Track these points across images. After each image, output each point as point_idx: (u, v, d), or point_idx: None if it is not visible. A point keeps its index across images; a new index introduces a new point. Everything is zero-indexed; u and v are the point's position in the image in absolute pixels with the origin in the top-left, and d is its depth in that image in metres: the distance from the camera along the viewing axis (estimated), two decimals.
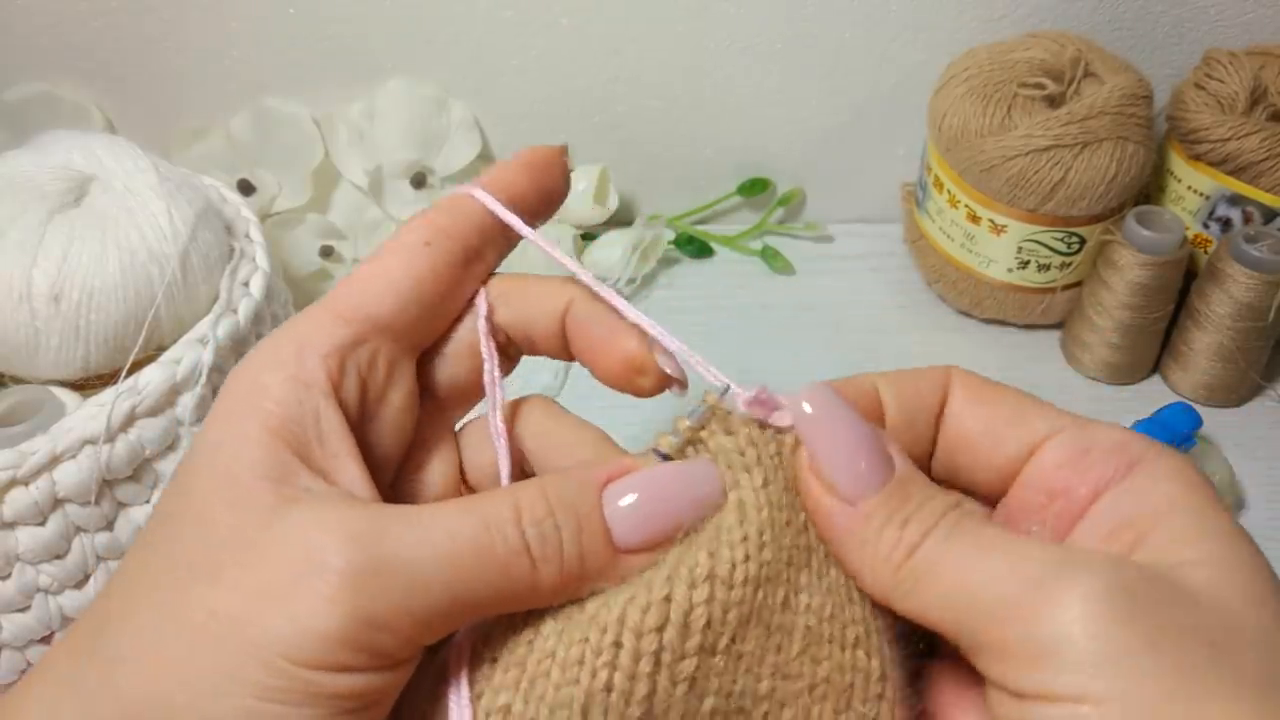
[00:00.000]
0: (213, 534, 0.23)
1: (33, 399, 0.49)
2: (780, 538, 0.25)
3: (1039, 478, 0.27)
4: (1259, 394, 0.68)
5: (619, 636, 0.24)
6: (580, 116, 0.77)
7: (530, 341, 0.30)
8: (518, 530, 0.24)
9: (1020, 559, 0.23)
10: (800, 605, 0.25)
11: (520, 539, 0.24)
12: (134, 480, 0.48)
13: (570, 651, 0.24)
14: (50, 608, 0.47)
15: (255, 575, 0.22)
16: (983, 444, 0.28)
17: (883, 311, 0.75)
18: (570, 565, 0.24)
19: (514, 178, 0.30)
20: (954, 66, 0.69)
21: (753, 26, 0.73)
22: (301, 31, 0.72)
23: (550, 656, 0.24)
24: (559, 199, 0.32)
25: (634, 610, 0.24)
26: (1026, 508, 0.27)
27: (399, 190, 0.73)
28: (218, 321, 0.50)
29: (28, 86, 0.72)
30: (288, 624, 0.22)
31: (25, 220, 0.49)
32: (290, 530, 0.23)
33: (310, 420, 0.25)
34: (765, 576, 0.25)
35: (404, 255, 0.28)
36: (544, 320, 0.30)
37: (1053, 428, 0.27)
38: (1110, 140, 0.63)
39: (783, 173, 0.80)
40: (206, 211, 0.54)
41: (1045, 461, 0.27)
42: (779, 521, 0.25)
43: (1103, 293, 0.67)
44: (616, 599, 0.24)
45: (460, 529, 0.24)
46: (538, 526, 0.24)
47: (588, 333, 0.29)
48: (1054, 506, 0.26)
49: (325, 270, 0.73)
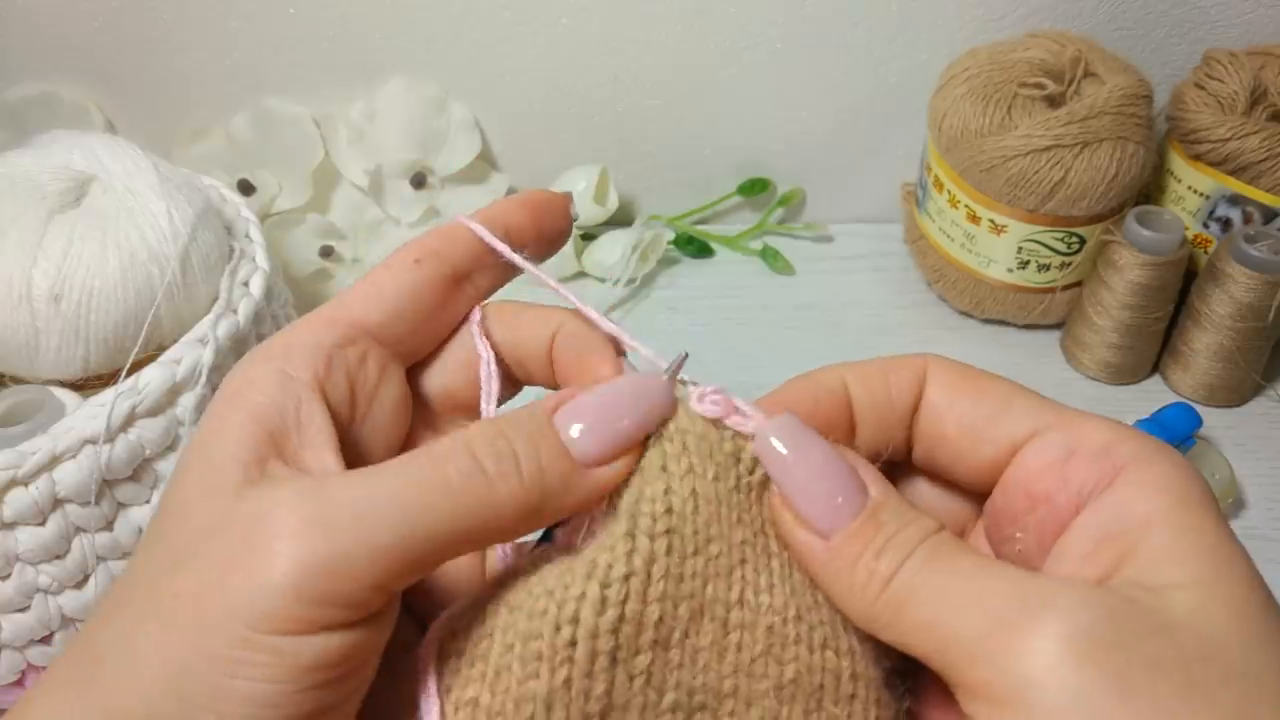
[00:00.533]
0: (189, 523, 0.24)
1: (33, 399, 0.49)
2: (730, 534, 0.26)
3: (1021, 481, 0.26)
4: (1259, 394, 0.68)
5: (573, 636, 0.24)
6: (580, 116, 0.77)
7: (524, 369, 0.31)
8: (468, 453, 0.24)
9: (989, 595, 0.23)
10: (762, 605, 0.26)
11: (472, 460, 0.24)
12: (134, 480, 0.48)
13: (529, 647, 0.24)
14: (50, 608, 0.47)
15: (211, 553, 0.23)
16: (961, 444, 0.27)
17: (883, 311, 0.75)
18: (530, 477, 0.24)
19: (510, 211, 0.31)
20: (954, 66, 0.69)
21: (752, 27, 0.73)
22: (301, 31, 0.72)
23: (510, 650, 0.24)
24: (559, 239, 0.33)
25: (587, 609, 0.24)
26: (1010, 512, 0.27)
27: (399, 190, 0.73)
28: (218, 321, 0.50)
29: (28, 86, 0.73)
30: (244, 590, 0.22)
31: (25, 220, 0.49)
32: (244, 505, 0.23)
33: (290, 408, 0.25)
34: (714, 571, 0.25)
35: (393, 271, 0.29)
36: (533, 346, 0.30)
37: (1035, 427, 0.26)
38: (1110, 140, 0.63)
39: (783, 173, 0.80)
40: (206, 211, 0.54)
41: (1027, 465, 0.26)
42: (728, 519, 0.26)
43: (1103, 293, 0.67)
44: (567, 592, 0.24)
45: (406, 465, 0.24)
46: (490, 445, 0.24)
47: (568, 360, 0.30)
48: (1037, 513, 0.26)
49: (325, 270, 0.73)
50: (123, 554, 0.48)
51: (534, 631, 0.24)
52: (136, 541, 0.48)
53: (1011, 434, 0.26)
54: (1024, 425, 0.26)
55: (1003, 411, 0.27)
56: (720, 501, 0.26)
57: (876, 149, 0.79)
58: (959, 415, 0.27)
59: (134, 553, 0.25)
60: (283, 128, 0.73)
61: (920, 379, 0.28)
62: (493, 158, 0.79)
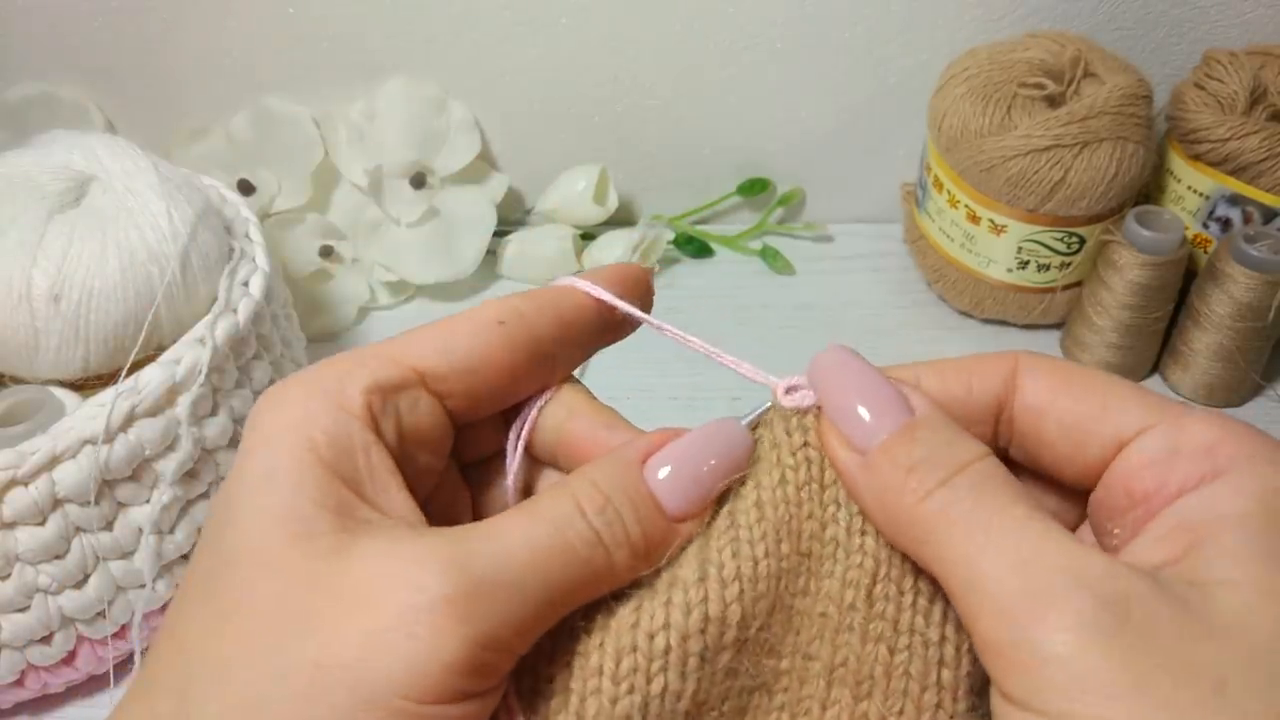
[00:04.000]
0: (284, 575, 0.22)
1: (33, 399, 0.49)
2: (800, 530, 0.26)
3: (1122, 478, 0.25)
4: (1259, 394, 0.68)
5: (668, 641, 0.25)
6: (580, 116, 0.77)
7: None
8: (586, 523, 0.24)
9: (1033, 556, 0.22)
10: (821, 590, 0.26)
11: (591, 530, 0.24)
12: (133, 480, 0.48)
13: (622, 664, 0.24)
14: (50, 608, 0.47)
15: (356, 619, 0.22)
16: (1064, 444, 0.26)
17: (883, 311, 0.75)
18: (637, 543, 0.25)
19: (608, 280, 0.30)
20: (954, 66, 0.69)
21: (752, 27, 0.73)
22: (301, 31, 0.72)
23: (599, 673, 0.25)
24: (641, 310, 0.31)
25: (676, 614, 0.25)
26: (1110, 508, 0.26)
27: (399, 190, 0.73)
28: (217, 321, 0.50)
29: (28, 86, 0.73)
30: (405, 663, 0.21)
31: (25, 220, 0.49)
32: (372, 564, 0.22)
33: (357, 448, 0.24)
34: (784, 569, 0.26)
35: (472, 325, 0.27)
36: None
37: (1141, 423, 0.25)
38: (1110, 140, 0.63)
39: (783, 173, 0.80)
40: (206, 211, 0.54)
41: (1130, 462, 0.25)
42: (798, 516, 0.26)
43: (1103, 293, 0.67)
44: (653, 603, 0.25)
45: (536, 535, 0.24)
46: (601, 515, 0.25)
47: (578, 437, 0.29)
48: (1135, 511, 0.25)
49: (325, 270, 0.73)
50: (122, 554, 0.48)
51: (626, 646, 0.25)
52: (136, 541, 0.48)
53: (1118, 432, 0.25)
54: (1130, 422, 0.25)
55: (1106, 409, 0.26)
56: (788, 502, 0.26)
57: (876, 149, 0.79)
58: (1060, 415, 0.26)
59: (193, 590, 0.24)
60: (282, 127, 0.73)
61: (1008, 378, 0.27)
62: (493, 158, 0.79)
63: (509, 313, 0.27)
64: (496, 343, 0.27)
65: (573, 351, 0.29)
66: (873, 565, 0.26)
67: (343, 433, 0.24)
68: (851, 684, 0.26)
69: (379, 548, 0.23)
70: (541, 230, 0.76)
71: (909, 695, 0.26)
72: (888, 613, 0.26)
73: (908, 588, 0.26)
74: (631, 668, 0.24)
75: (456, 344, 0.27)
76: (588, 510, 0.25)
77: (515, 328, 0.27)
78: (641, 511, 0.25)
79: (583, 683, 0.25)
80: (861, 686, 0.26)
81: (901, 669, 0.26)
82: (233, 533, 0.23)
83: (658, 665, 0.24)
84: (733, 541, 0.26)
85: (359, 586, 0.22)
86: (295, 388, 0.25)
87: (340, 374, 0.25)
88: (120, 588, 0.49)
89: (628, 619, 0.25)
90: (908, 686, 0.26)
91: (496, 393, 0.28)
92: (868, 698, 0.26)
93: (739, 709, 0.26)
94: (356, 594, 0.22)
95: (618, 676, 0.24)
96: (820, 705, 0.26)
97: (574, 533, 0.24)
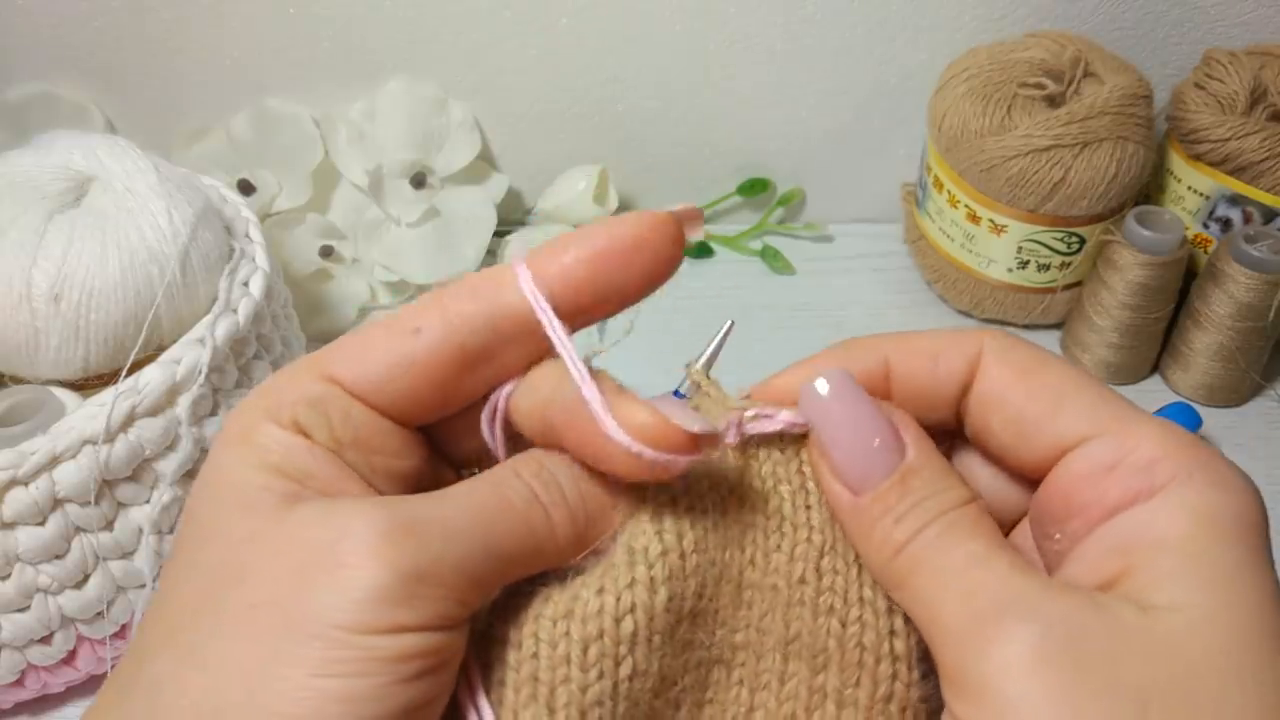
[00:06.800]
0: (230, 540, 0.23)
1: (33, 399, 0.49)
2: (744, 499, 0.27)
3: (1062, 485, 0.25)
4: (1259, 394, 0.68)
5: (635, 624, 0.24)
6: (580, 116, 0.77)
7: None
8: (522, 481, 0.25)
9: (977, 586, 0.23)
10: (770, 565, 0.26)
11: (526, 487, 0.24)
12: (134, 480, 0.48)
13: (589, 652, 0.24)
14: (50, 608, 0.47)
15: (284, 561, 0.22)
16: (1008, 440, 0.26)
17: (883, 311, 0.75)
18: (575, 507, 0.25)
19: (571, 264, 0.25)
20: (954, 66, 0.69)
21: (752, 26, 0.73)
22: (301, 31, 0.72)
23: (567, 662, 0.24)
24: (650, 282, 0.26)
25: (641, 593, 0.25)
26: (1050, 514, 0.26)
27: (399, 190, 0.73)
28: (217, 321, 0.50)
29: (28, 86, 0.72)
30: (333, 593, 0.21)
31: (25, 220, 0.49)
32: (307, 516, 0.23)
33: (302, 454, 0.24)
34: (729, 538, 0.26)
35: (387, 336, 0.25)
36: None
37: (1086, 431, 0.25)
38: (1110, 140, 0.63)
39: (783, 173, 0.80)
40: (206, 211, 0.54)
41: (1070, 471, 0.25)
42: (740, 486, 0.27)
43: (1103, 293, 0.67)
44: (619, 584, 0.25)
45: (475, 488, 0.24)
46: (537, 476, 0.25)
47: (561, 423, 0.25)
48: (1074, 522, 0.25)
49: (325, 270, 0.73)
50: (123, 554, 0.48)
51: (592, 634, 0.24)
52: (137, 541, 0.48)
53: (1060, 438, 0.25)
54: (1074, 429, 0.25)
55: (1054, 412, 0.25)
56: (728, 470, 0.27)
57: (876, 149, 0.79)
58: (1007, 411, 0.26)
59: (163, 579, 0.25)
60: (283, 128, 0.73)
61: (973, 362, 0.27)
62: (493, 158, 0.79)
63: (428, 318, 0.25)
64: (414, 352, 0.24)
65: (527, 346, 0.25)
66: (820, 540, 0.26)
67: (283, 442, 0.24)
68: (807, 657, 0.26)
69: (317, 506, 0.23)
70: (542, 230, 0.77)
71: (864, 667, 0.26)
72: (837, 585, 0.26)
73: (854, 559, 0.26)
74: (599, 655, 0.24)
75: (370, 356, 0.25)
76: (523, 472, 0.25)
77: (434, 335, 0.24)
78: (579, 478, 0.25)
79: (549, 671, 0.24)
80: (817, 660, 0.26)
81: (854, 640, 0.26)
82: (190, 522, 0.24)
83: (625, 649, 0.24)
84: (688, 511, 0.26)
85: (293, 536, 0.22)
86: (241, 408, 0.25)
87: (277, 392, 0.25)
88: (120, 588, 0.49)
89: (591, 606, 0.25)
90: (862, 658, 0.26)
91: (430, 400, 0.25)
92: (823, 670, 0.26)
93: (699, 683, 0.26)
94: (290, 543, 0.22)
95: (586, 664, 0.24)
96: (778, 679, 0.26)
97: (509, 488, 0.24)
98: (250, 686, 0.21)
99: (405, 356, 0.25)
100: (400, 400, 0.25)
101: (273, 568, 0.22)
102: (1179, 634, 0.21)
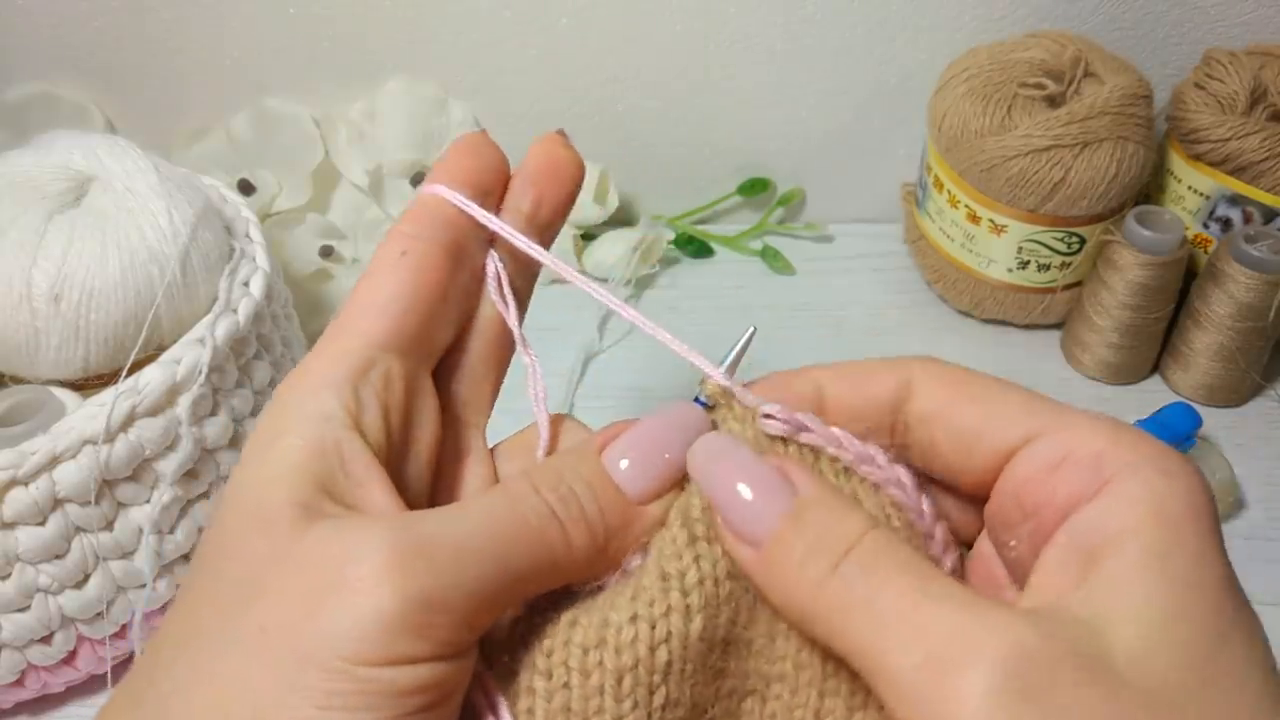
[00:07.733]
0: (248, 558, 0.23)
1: (33, 399, 0.49)
2: None
3: (1012, 491, 0.25)
4: (1259, 394, 0.68)
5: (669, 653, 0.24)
6: (580, 116, 0.77)
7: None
8: (540, 498, 0.25)
9: (923, 628, 0.22)
10: None
11: (545, 505, 0.24)
12: (134, 480, 0.48)
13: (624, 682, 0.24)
14: (50, 608, 0.47)
15: (296, 583, 0.22)
16: (953, 454, 0.26)
17: (883, 311, 0.75)
18: (594, 522, 0.25)
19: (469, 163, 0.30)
20: (954, 66, 0.69)
21: (752, 26, 0.73)
22: (301, 31, 0.72)
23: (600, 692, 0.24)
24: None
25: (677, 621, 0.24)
26: (1004, 521, 0.26)
27: (399, 190, 0.73)
28: (217, 321, 0.50)
29: (28, 86, 0.72)
30: (340, 621, 0.21)
31: (25, 220, 0.49)
32: (322, 535, 0.23)
33: (332, 453, 0.25)
34: None
35: (383, 272, 0.27)
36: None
37: (1027, 431, 0.25)
38: (1110, 140, 0.63)
39: (783, 173, 0.80)
40: (206, 211, 0.54)
41: (1017, 472, 0.25)
42: None
43: (1103, 293, 0.67)
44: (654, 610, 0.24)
45: (491, 505, 0.24)
46: (555, 491, 0.25)
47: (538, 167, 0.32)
48: (1028, 525, 0.25)
49: (325, 270, 0.73)
50: (123, 554, 0.48)
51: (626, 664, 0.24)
52: (137, 541, 0.48)
53: (1003, 441, 0.25)
54: (1015, 431, 0.25)
55: (992, 417, 0.25)
56: None
57: (876, 149, 0.79)
58: (948, 423, 0.26)
59: (180, 592, 0.25)
60: (283, 127, 0.73)
61: (903, 385, 0.27)
62: None
63: (403, 241, 0.28)
64: (412, 272, 0.27)
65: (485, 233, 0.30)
66: None
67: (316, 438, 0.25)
68: (845, 694, 0.26)
69: (330, 525, 0.23)
70: None
71: None
72: None
73: None
74: (633, 684, 0.24)
75: (381, 297, 0.27)
76: (541, 487, 0.25)
77: (418, 250, 0.28)
78: (599, 491, 0.25)
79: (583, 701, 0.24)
80: (855, 698, 0.26)
81: None
82: (213, 538, 0.25)
83: (659, 679, 0.24)
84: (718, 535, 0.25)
85: (306, 557, 0.23)
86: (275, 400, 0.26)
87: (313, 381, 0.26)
88: (120, 588, 0.49)
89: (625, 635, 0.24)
90: None
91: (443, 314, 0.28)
92: (861, 709, 0.26)
93: (730, 712, 0.26)
94: (303, 564, 0.22)
95: (620, 694, 0.24)
96: (814, 715, 0.26)
97: (527, 506, 0.24)
98: (256, 711, 0.21)
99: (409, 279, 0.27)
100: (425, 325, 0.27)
101: (286, 589, 0.22)
102: (1141, 646, 0.21)
